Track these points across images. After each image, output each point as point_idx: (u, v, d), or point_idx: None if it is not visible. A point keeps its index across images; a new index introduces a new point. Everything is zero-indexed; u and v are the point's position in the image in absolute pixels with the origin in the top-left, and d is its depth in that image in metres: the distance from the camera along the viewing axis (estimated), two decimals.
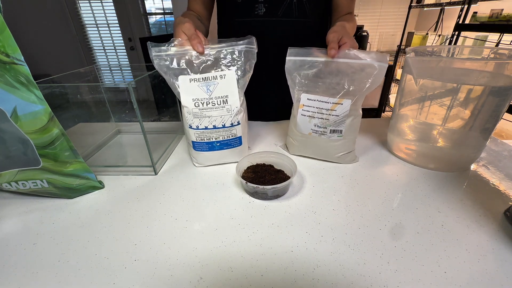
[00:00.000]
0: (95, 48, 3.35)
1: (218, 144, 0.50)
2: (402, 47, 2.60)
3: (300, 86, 0.50)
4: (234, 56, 0.48)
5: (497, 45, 1.81)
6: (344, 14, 0.67)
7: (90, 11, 3.13)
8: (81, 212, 0.42)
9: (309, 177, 0.49)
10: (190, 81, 0.46)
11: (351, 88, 0.46)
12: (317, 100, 0.49)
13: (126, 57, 3.38)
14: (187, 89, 0.46)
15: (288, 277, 0.31)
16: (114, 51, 3.37)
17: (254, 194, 0.44)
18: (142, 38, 2.80)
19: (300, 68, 0.50)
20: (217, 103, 0.47)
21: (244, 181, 0.42)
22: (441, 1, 2.32)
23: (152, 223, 0.39)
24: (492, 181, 0.48)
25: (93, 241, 0.36)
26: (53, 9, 3.02)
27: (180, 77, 0.46)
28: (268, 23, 0.66)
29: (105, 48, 3.35)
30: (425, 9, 2.87)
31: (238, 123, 0.50)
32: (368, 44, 2.79)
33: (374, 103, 2.78)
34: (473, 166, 0.52)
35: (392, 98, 2.84)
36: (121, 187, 0.48)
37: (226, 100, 0.47)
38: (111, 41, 3.30)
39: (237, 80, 0.48)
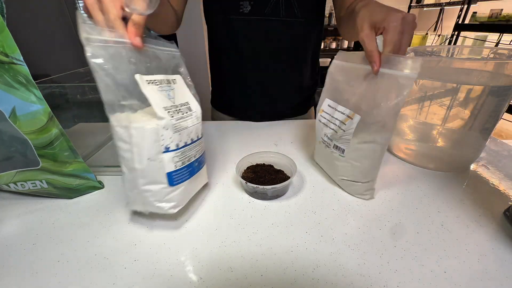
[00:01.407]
0: None
1: (196, 164, 0.40)
2: None
3: (328, 91, 0.47)
4: (173, 59, 0.40)
5: (496, 45, 1.82)
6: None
7: None
8: (81, 212, 0.42)
9: (309, 177, 0.49)
10: (148, 82, 0.34)
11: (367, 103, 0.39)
12: (335, 108, 0.44)
13: None
14: (151, 93, 0.34)
15: (288, 277, 0.31)
16: None
17: (254, 194, 0.44)
18: None
19: (339, 72, 0.45)
20: (184, 111, 0.37)
21: (244, 181, 0.42)
22: (441, 1, 2.33)
23: (152, 223, 0.39)
24: (492, 181, 0.48)
25: (93, 241, 0.36)
26: (53, 9, 3.01)
27: (137, 76, 0.33)
28: (255, 22, 0.62)
29: None
30: (425, 9, 2.87)
31: (202, 134, 0.42)
32: None
33: None
34: (472, 166, 0.52)
35: None
36: (121, 187, 0.48)
37: (190, 107, 0.39)
38: None
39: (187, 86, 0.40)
